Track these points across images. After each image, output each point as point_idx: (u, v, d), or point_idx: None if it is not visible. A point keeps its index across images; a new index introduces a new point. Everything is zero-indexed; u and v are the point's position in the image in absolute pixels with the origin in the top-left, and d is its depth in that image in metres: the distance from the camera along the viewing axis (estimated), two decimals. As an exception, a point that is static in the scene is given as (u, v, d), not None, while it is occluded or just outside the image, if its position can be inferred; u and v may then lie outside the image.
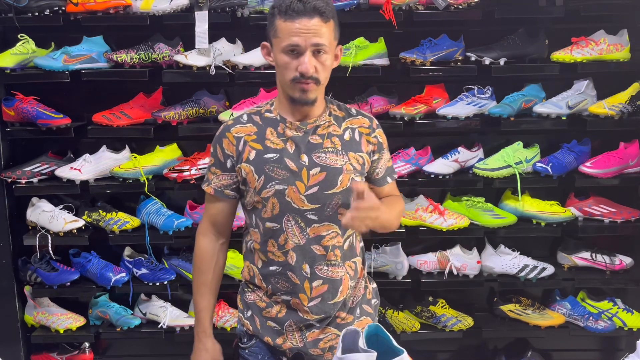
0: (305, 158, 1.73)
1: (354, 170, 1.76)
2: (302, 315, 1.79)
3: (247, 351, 1.89)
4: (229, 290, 1.95)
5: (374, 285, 1.97)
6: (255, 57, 2.59)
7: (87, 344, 2.87)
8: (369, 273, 2.13)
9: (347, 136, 1.78)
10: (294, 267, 1.76)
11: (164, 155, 2.72)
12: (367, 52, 2.60)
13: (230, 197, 1.83)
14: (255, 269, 1.84)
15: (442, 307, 2.79)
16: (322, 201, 1.73)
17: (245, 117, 1.81)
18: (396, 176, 1.95)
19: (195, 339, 1.91)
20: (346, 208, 1.74)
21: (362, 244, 1.91)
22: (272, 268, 1.79)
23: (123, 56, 2.58)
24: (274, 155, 1.74)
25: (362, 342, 1.27)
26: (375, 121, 1.86)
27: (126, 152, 2.73)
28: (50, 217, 2.68)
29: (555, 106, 2.61)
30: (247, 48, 2.66)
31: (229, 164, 1.79)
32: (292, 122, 1.76)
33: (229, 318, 2.73)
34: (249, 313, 1.87)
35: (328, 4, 1.66)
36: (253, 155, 1.75)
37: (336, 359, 1.26)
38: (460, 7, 2.53)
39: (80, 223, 2.69)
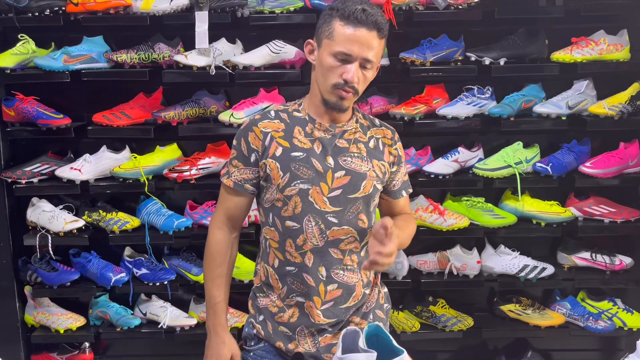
0: (331, 160, 1.75)
1: (376, 177, 1.79)
2: (313, 320, 1.78)
3: (251, 354, 1.87)
4: (230, 291, 1.95)
5: (385, 289, 1.98)
6: (255, 57, 2.59)
7: (87, 344, 2.87)
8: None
9: (372, 144, 1.81)
10: (310, 269, 1.76)
11: (164, 155, 2.72)
12: (367, 52, 2.59)
13: (249, 191, 1.83)
14: (270, 269, 1.82)
15: (442, 307, 2.79)
16: (344, 204, 1.75)
17: (272, 113, 1.81)
18: (410, 190, 1.96)
19: (212, 333, 1.88)
20: (365, 214, 1.78)
21: None
22: (289, 268, 1.79)
23: (123, 56, 2.58)
24: (301, 154, 1.74)
25: (362, 342, 1.28)
26: (397, 134, 1.90)
27: (126, 152, 2.73)
28: (50, 217, 2.68)
29: (555, 106, 2.61)
30: (247, 48, 2.66)
31: (252, 158, 1.78)
32: (321, 123, 1.77)
33: (228, 318, 2.73)
34: (261, 317, 1.86)
35: (386, 22, 1.69)
36: (280, 151, 1.75)
37: (336, 358, 1.26)
38: (460, 7, 2.53)
39: (80, 223, 2.69)
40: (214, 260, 1.88)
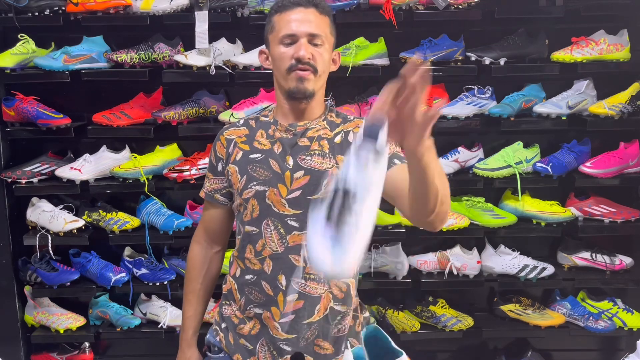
0: (290, 160, 1.67)
1: None
2: (271, 333, 1.69)
3: None
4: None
5: (366, 314, 1.82)
6: (255, 57, 2.58)
7: (87, 344, 2.86)
8: (369, 274, 2.01)
9: (337, 139, 1.70)
10: (269, 277, 1.68)
11: (164, 155, 2.72)
12: (367, 52, 2.60)
13: (220, 202, 1.79)
14: (231, 279, 1.78)
15: (442, 307, 2.79)
16: (305, 207, 1.64)
17: (241, 121, 1.80)
18: (405, 162, 1.70)
19: (179, 348, 1.89)
20: None
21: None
22: (248, 277, 1.71)
23: (123, 56, 2.58)
24: (259, 155, 1.70)
25: (383, 135, 1.07)
26: None
27: (126, 152, 2.73)
28: (50, 217, 2.68)
29: (555, 106, 2.61)
30: (247, 48, 2.66)
31: (219, 167, 1.77)
32: (282, 123, 1.72)
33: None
34: (224, 325, 1.80)
35: (324, 1, 1.68)
36: (240, 155, 1.72)
37: (354, 145, 1.09)
38: (460, 7, 2.53)
39: (80, 223, 2.69)
40: (188, 276, 1.88)
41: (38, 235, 2.69)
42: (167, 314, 2.77)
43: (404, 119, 1.09)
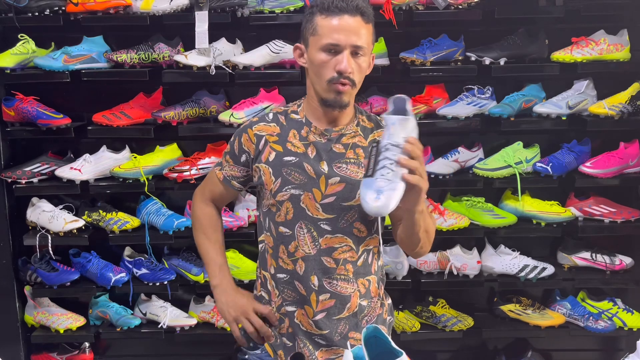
0: (325, 166, 1.68)
1: None
2: (305, 329, 1.75)
3: (252, 356, 1.84)
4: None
5: (389, 301, 1.89)
6: (255, 57, 2.59)
7: (87, 344, 2.87)
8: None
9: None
10: (301, 277, 1.72)
11: (164, 155, 2.72)
12: (367, 52, 2.60)
13: (235, 188, 1.84)
14: (268, 275, 1.79)
15: (442, 307, 2.79)
16: (338, 212, 1.68)
17: (270, 116, 1.77)
18: None
19: (224, 289, 1.84)
20: (362, 222, 1.71)
21: (380, 262, 1.83)
22: (280, 276, 1.75)
23: (123, 56, 2.58)
24: (293, 158, 1.69)
25: (409, 106, 1.52)
26: None
27: (126, 152, 2.73)
28: (50, 217, 2.68)
29: (555, 106, 2.61)
30: (247, 48, 2.66)
31: (243, 158, 1.77)
32: (317, 127, 1.71)
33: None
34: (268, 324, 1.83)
35: (369, 6, 1.64)
36: (273, 156, 1.71)
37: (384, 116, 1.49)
38: (460, 7, 2.53)
39: (80, 223, 2.69)
40: (210, 228, 1.90)
41: (38, 235, 2.69)
42: (167, 314, 2.77)
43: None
